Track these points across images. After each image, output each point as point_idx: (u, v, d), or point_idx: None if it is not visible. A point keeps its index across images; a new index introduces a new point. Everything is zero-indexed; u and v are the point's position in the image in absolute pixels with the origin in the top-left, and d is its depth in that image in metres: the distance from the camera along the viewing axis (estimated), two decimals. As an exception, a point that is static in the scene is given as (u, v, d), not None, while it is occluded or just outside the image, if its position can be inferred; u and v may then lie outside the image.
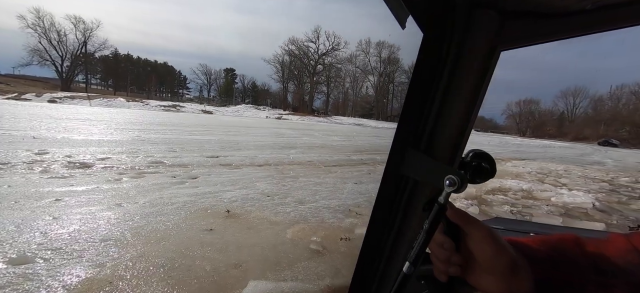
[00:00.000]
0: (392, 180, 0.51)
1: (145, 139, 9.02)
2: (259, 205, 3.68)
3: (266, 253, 2.47)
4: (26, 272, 1.95)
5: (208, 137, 11.37)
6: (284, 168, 6.27)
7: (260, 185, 4.61)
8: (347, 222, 3.31)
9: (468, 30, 0.42)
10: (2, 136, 7.25)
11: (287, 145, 10.74)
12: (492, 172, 0.43)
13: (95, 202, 3.35)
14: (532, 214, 4.39)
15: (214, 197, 3.86)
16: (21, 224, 2.61)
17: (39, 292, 1.79)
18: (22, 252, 2.16)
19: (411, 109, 0.47)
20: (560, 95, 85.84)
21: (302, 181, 5.15)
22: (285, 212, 3.50)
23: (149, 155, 6.30)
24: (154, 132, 11.55)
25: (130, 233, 2.64)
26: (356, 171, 6.62)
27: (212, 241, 2.61)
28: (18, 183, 3.78)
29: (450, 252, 0.43)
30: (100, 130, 10.40)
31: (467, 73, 0.44)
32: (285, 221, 3.21)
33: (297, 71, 72.00)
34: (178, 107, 44.36)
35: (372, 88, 77.92)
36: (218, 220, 3.09)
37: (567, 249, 0.45)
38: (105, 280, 1.95)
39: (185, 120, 22.59)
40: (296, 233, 2.90)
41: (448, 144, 0.46)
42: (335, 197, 4.27)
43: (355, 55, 72.60)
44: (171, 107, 42.99)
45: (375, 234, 0.55)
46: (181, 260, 2.26)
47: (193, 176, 4.91)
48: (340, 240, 2.80)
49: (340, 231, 3.01)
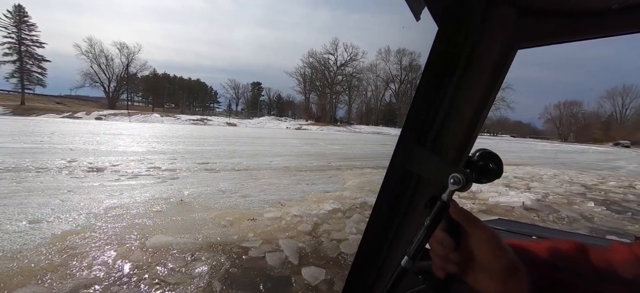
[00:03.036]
0: (396, 175, 0.51)
1: (157, 150, 10.74)
2: (209, 197, 4.82)
3: (185, 224, 3.57)
4: (36, 225, 3.23)
5: (213, 147, 12.94)
6: (258, 172, 7.41)
7: (222, 185, 5.77)
8: (266, 210, 4.31)
9: (484, 25, 0.41)
10: (49, 149, 9.29)
11: (279, 153, 11.93)
12: (499, 172, 0.43)
13: (94, 193, 4.70)
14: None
15: (179, 191, 5.07)
16: (42, 203, 3.99)
17: (34, 240, 3.04)
18: (36, 216, 3.48)
19: (420, 105, 0.47)
20: (606, 95, 78.56)
21: (261, 182, 6.24)
22: (225, 202, 4.60)
23: (151, 163, 7.80)
24: (170, 143, 13.40)
25: (108, 210, 3.89)
26: (320, 175, 7.55)
27: (156, 216, 3.77)
28: (48, 180, 5.31)
29: (450, 250, 0.44)
30: (125, 143, 12.42)
31: (481, 70, 0.43)
32: (218, 207, 4.30)
33: (318, 82, 74.00)
34: (205, 121, 48.01)
35: (394, 96, 77.51)
36: (170, 205, 4.26)
37: (569, 255, 0.45)
38: (84, 229, 3.16)
39: (207, 132, 24.87)
40: (218, 214, 3.97)
41: (455, 141, 0.46)
42: (275, 194, 5.28)
43: (376, 64, 73.06)
44: (199, 121, 46.70)
45: (376, 227, 0.56)
46: (132, 221, 3.44)
47: (175, 177, 6.22)
48: (247, 220, 3.82)
49: (252, 214, 4.03)
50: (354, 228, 3.74)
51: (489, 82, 0.43)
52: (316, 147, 15.88)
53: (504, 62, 0.43)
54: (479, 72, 0.43)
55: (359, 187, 6.24)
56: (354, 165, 9.81)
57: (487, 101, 0.44)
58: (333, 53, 70.19)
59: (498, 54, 0.42)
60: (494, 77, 0.43)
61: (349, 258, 2.98)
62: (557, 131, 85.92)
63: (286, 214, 4.11)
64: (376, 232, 0.56)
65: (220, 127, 38.51)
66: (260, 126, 49.22)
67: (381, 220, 0.55)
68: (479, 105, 0.44)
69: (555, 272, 0.43)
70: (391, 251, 0.56)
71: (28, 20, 52.54)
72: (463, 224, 0.43)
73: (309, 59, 71.35)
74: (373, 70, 74.26)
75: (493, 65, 0.43)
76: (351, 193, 5.62)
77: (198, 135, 19.96)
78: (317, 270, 2.67)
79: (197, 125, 39.73)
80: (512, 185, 7.60)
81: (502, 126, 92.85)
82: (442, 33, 0.43)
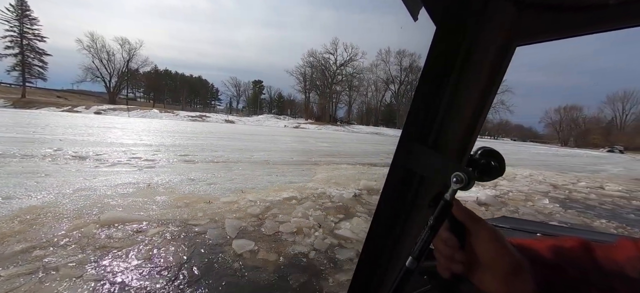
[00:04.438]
0: (398, 175, 0.51)
1: (145, 143, 11.11)
2: (177, 184, 5.16)
3: (144, 205, 3.91)
4: (7, 201, 3.58)
5: (202, 142, 13.31)
6: (235, 165, 7.75)
7: (194, 174, 6.12)
8: (225, 196, 4.65)
9: (482, 23, 0.41)
10: (39, 139, 9.67)
11: (265, 149, 12.27)
12: (502, 170, 0.44)
13: (70, 177, 5.06)
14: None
15: (150, 178, 5.42)
16: (17, 183, 4.35)
17: (1, 212, 3.39)
18: (9, 194, 3.83)
19: (420, 104, 0.47)
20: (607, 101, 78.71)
21: (233, 173, 6.58)
22: (190, 188, 4.94)
23: (134, 154, 8.16)
24: (160, 137, 13.77)
25: (77, 191, 4.24)
26: (294, 169, 7.88)
27: (120, 197, 4.12)
28: (30, 166, 5.67)
29: (454, 249, 0.44)
30: (115, 136, 12.80)
31: (481, 67, 0.43)
32: (181, 192, 4.65)
33: (318, 81, 74.33)
34: (204, 118, 48.44)
35: (394, 96, 77.76)
36: (136, 189, 4.61)
37: (573, 253, 0.45)
38: (50, 205, 3.50)
39: (202, 128, 25.27)
40: (177, 198, 4.31)
41: (457, 140, 0.47)
42: (242, 183, 5.62)
43: (376, 64, 73.31)
44: (197, 118, 47.12)
45: (379, 228, 0.56)
46: (96, 201, 3.78)
47: (151, 167, 6.57)
48: (203, 203, 4.16)
49: (210, 199, 4.37)
50: (301, 213, 4.07)
51: (489, 79, 0.44)
52: (304, 145, 16.22)
53: (503, 60, 0.43)
54: (479, 70, 0.43)
55: (325, 179, 6.57)
56: (333, 161, 10.14)
57: (487, 99, 0.45)
58: (333, 53, 70.58)
59: (497, 51, 0.43)
60: (494, 74, 0.44)
61: (283, 236, 3.32)
62: (558, 135, 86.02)
63: (242, 199, 4.45)
64: (380, 232, 0.56)
65: (217, 124, 38.95)
66: (258, 124, 49.62)
67: (384, 221, 0.55)
68: (480, 103, 0.45)
69: (560, 271, 0.43)
70: (395, 251, 0.56)
71: (30, 14, 53.25)
72: (466, 223, 0.43)
73: (309, 59, 71.76)
74: (373, 71, 74.59)
75: (493, 62, 0.43)
76: (315, 184, 5.95)
77: (191, 131, 20.34)
78: (247, 242, 3.01)
79: (195, 122, 40.18)
80: (478, 183, 7.89)
81: (503, 129, 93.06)
82: (441, 31, 0.44)
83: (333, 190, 5.53)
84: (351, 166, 9.15)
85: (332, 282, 2.43)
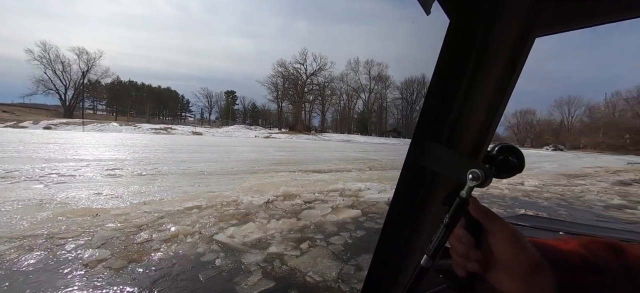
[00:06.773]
0: (412, 173, 0.50)
1: (76, 158, 10.58)
2: (78, 200, 5.01)
3: (17, 222, 3.79)
4: None
5: (146, 155, 12.88)
6: (163, 177, 7.62)
7: (106, 189, 5.95)
8: (120, 208, 4.60)
9: (499, 13, 0.40)
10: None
11: (211, 160, 12.14)
12: (521, 166, 0.42)
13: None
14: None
15: (51, 195, 5.21)
16: None
17: None
18: None
19: (434, 100, 0.46)
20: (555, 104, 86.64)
21: (154, 186, 6.49)
22: (87, 203, 4.82)
23: (54, 169, 7.77)
24: (104, 151, 13.15)
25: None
26: (225, 179, 7.91)
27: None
28: None
29: (470, 248, 0.43)
30: (48, 151, 12.04)
31: (497, 61, 0.42)
32: (71, 206, 4.53)
33: (291, 91, 74.76)
34: (169, 130, 46.72)
35: (364, 105, 79.99)
36: (24, 206, 4.43)
37: (600, 255, 0.42)
38: None
39: (160, 141, 24.37)
40: (62, 212, 4.20)
41: (472, 136, 0.46)
42: (152, 195, 5.57)
43: (346, 74, 75.24)
44: (162, 130, 45.36)
45: (393, 226, 0.55)
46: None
47: (63, 182, 6.30)
48: (87, 216, 4.10)
49: (97, 211, 4.32)
50: (191, 221, 4.13)
51: (506, 73, 0.42)
52: (260, 154, 16.21)
53: (522, 51, 0.42)
54: (495, 64, 0.42)
55: (248, 188, 6.67)
56: (276, 169, 10.26)
57: (504, 93, 0.44)
58: (303, 63, 71.53)
59: (515, 44, 0.41)
60: (512, 68, 0.42)
61: (152, 244, 3.36)
62: (516, 137, 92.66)
63: (136, 210, 4.43)
64: (394, 231, 0.55)
65: (181, 136, 37.68)
66: (227, 135, 48.68)
67: (398, 219, 0.54)
68: (497, 98, 0.44)
69: (585, 273, 0.40)
70: (409, 250, 0.55)
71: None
72: (483, 222, 0.42)
73: (279, 69, 72.14)
74: (344, 80, 76.43)
75: (510, 56, 0.42)
76: (232, 193, 6.03)
77: (143, 144, 19.58)
78: (103, 251, 3.03)
79: (158, 134, 38.61)
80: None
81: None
82: (455, 24, 0.42)
83: (248, 197, 5.64)
84: (289, 173, 9.33)
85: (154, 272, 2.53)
